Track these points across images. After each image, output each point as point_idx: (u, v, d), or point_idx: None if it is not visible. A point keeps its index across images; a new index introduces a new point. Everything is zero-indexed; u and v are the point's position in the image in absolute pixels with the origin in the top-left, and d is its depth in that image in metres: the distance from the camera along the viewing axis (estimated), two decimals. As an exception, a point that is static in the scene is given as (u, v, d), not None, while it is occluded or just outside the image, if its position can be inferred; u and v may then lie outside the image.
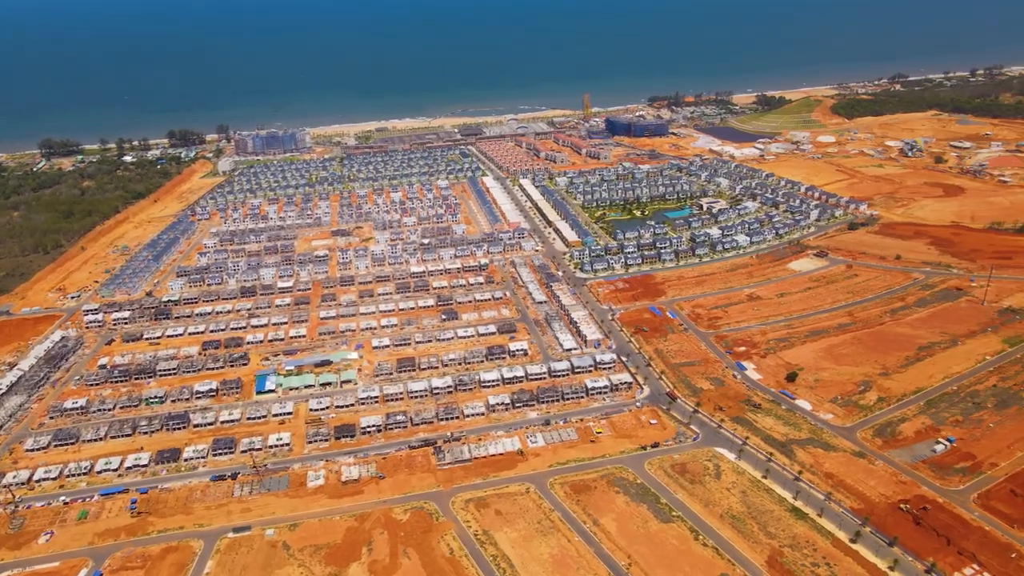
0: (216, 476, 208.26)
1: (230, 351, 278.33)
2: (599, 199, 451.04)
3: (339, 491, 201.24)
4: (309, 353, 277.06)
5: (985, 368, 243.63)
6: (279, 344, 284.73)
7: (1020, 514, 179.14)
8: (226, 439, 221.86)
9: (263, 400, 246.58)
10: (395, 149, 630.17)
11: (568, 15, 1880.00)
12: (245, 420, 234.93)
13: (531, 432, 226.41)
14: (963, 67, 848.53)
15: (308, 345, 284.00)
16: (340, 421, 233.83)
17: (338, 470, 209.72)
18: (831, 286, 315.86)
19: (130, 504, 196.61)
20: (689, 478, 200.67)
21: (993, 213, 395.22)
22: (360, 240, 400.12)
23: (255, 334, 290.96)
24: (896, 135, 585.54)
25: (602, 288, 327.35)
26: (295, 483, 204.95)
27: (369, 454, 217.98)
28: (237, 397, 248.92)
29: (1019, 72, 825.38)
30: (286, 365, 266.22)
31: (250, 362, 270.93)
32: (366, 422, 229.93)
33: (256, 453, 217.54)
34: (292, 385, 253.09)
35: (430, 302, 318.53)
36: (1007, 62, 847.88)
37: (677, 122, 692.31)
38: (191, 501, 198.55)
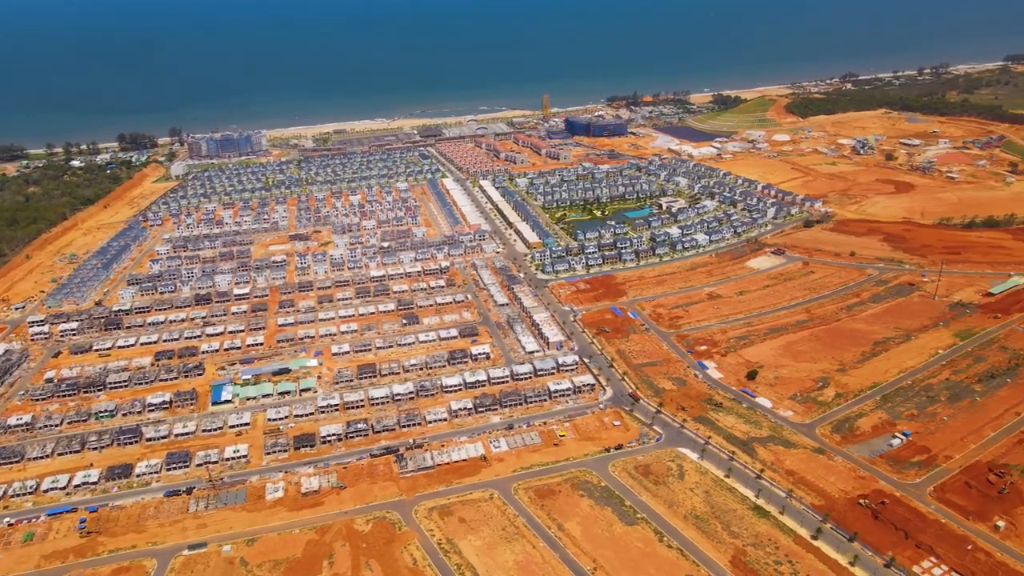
0: (170, 491, 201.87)
1: (184, 361, 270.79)
2: (559, 200, 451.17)
3: (299, 503, 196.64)
4: (267, 361, 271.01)
5: (938, 362, 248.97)
6: (235, 353, 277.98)
7: (975, 506, 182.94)
8: (180, 453, 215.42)
9: (219, 411, 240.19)
10: (354, 151, 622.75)
11: (525, 15, 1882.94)
12: (200, 432, 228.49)
13: (494, 437, 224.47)
14: (911, 66, 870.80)
15: (266, 353, 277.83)
16: (299, 431, 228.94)
17: (298, 481, 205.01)
18: (789, 283, 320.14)
19: (79, 524, 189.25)
20: (653, 479, 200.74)
21: (942, 209, 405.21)
22: (318, 244, 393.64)
23: (210, 343, 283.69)
24: (848, 133, 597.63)
25: (564, 289, 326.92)
26: (253, 496, 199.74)
27: (330, 464, 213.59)
28: (192, 409, 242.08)
29: (964, 71, 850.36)
30: (243, 374, 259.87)
31: (205, 372, 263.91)
32: (326, 431, 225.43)
33: (212, 466, 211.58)
34: (249, 395, 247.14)
35: (391, 306, 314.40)
36: (952, 61, 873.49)
37: (636, 122, 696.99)
38: (144, 518, 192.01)
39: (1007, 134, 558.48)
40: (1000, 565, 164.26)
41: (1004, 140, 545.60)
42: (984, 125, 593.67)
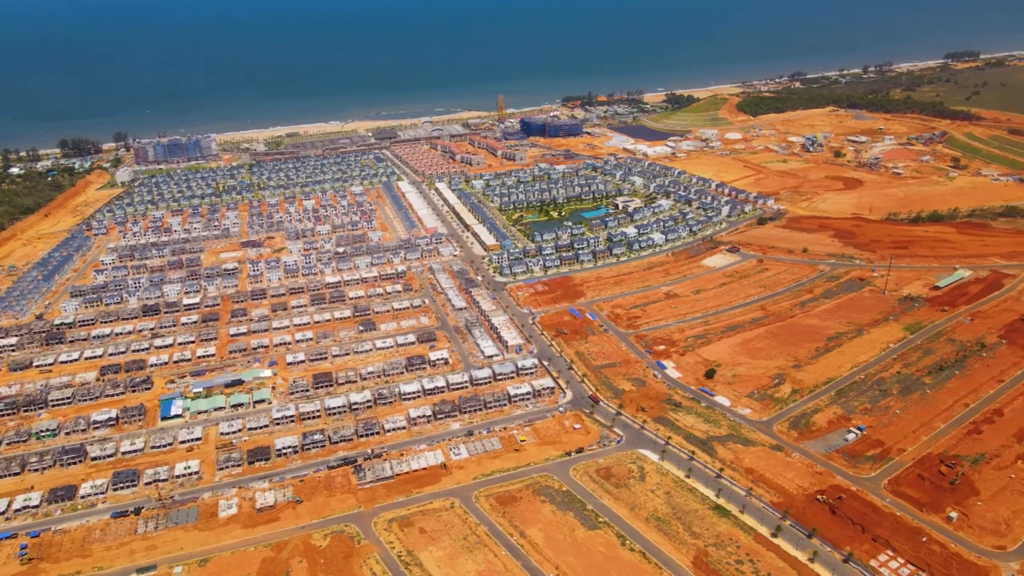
0: (117, 513, 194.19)
1: (131, 375, 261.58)
2: (516, 201, 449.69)
3: (253, 519, 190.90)
4: (219, 373, 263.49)
5: (889, 356, 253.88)
6: (186, 365, 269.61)
7: (928, 498, 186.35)
8: (128, 471, 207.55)
9: (169, 426, 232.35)
10: (307, 155, 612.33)
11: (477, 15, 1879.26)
12: (149, 449, 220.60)
13: (454, 444, 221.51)
14: (856, 65, 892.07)
15: (218, 364, 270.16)
16: (253, 444, 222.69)
17: (252, 497, 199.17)
18: (744, 281, 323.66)
19: (19, 550, 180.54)
20: (614, 482, 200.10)
21: (889, 204, 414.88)
22: (271, 251, 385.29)
23: (159, 355, 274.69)
24: (798, 131, 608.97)
25: (522, 291, 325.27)
26: (205, 514, 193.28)
27: (285, 477, 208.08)
28: (140, 425, 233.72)
29: (907, 69, 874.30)
30: (194, 387, 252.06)
31: (154, 386, 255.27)
32: (281, 443, 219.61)
33: (162, 484, 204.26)
34: (200, 408, 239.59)
35: (346, 313, 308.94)
36: (895, 60, 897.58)
37: (591, 121, 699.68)
38: (89, 542, 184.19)
39: (948, 130, 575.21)
40: (954, 556, 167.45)
41: (946, 136, 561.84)
42: (926, 121, 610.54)
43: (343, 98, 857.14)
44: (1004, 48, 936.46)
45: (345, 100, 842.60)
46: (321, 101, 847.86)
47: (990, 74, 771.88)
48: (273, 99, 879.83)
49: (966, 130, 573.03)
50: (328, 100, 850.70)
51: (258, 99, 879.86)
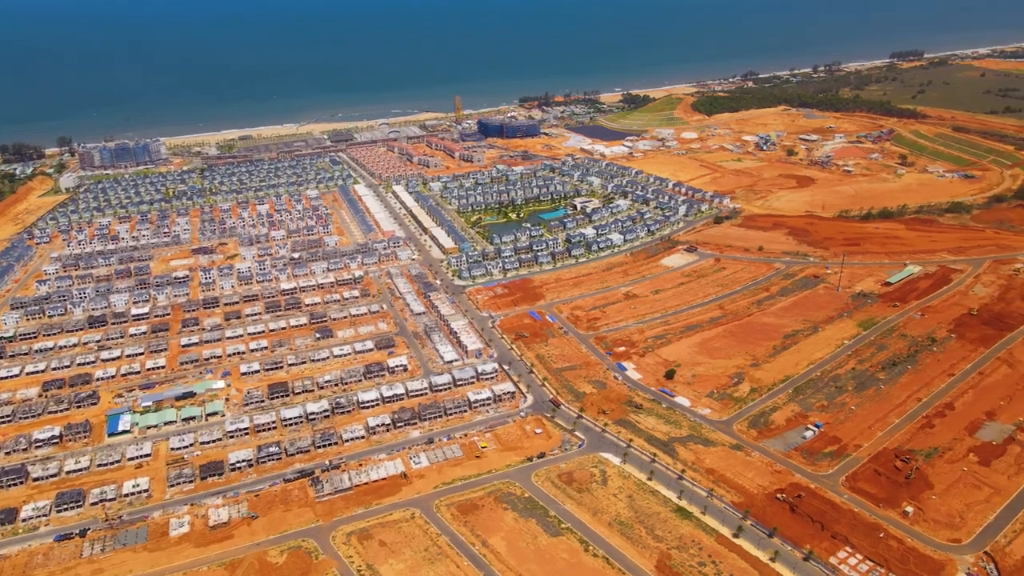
0: (61, 535, 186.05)
1: (76, 390, 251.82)
2: (474, 203, 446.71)
3: (206, 537, 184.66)
4: (169, 385, 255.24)
5: (844, 352, 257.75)
6: (134, 378, 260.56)
7: (884, 493, 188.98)
8: (72, 492, 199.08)
9: (116, 443, 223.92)
10: (261, 158, 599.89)
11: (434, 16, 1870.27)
12: (95, 468, 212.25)
13: (414, 452, 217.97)
14: (806, 64, 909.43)
15: (168, 377, 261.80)
16: (206, 459, 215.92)
17: (205, 514, 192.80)
18: (702, 280, 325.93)
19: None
20: (576, 487, 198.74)
21: (841, 201, 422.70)
22: (224, 258, 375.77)
23: (106, 369, 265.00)
24: (752, 130, 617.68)
25: (481, 295, 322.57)
26: (155, 533, 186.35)
27: (240, 492, 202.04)
28: (85, 442, 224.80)
29: (855, 68, 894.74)
30: (142, 401, 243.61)
31: (100, 401, 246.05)
32: (235, 457, 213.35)
33: (109, 504, 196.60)
34: (150, 423, 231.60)
35: (303, 320, 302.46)
36: (844, 59, 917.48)
37: (548, 122, 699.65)
38: (31, 568, 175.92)
39: (896, 128, 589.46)
40: (911, 551, 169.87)
41: (893, 134, 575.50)
42: (875, 120, 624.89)
43: (298, 100, 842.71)
44: (947, 48, 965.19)
45: (300, 102, 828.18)
46: (275, 103, 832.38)
47: (934, 73, 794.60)
48: (226, 101, 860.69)
49: (912, 128, 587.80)
50: (282, 102, 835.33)
51: (210, 101, 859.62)
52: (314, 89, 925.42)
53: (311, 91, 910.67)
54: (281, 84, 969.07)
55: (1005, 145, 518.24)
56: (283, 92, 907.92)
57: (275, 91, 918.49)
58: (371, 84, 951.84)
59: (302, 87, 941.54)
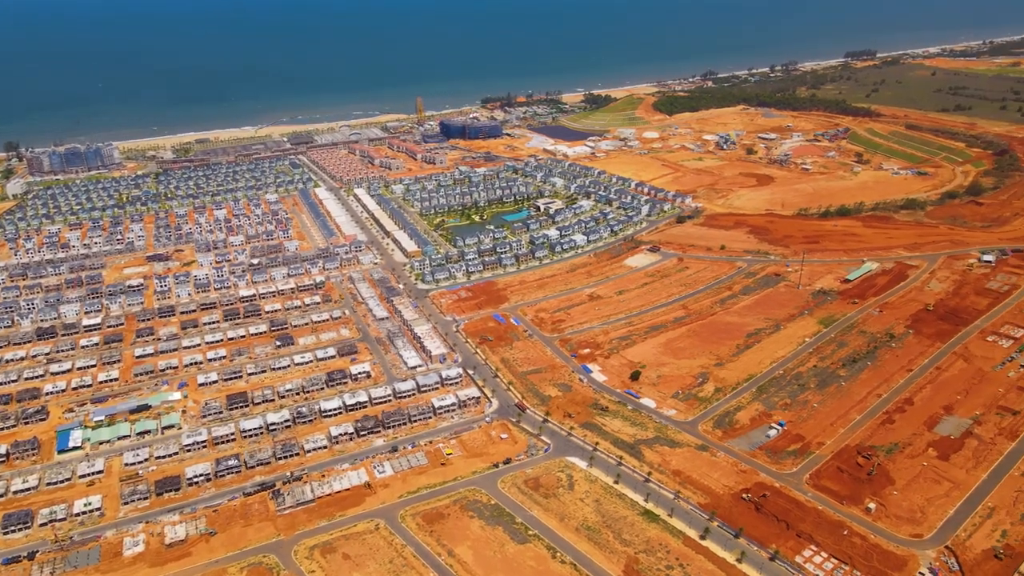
0: (8, 559, 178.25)
1: (24, 406, 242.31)
2: (437, 206, 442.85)
3: (162, 556, 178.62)
4: (123, 399, 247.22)
5: (805, 350, 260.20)
6: (86, 391, 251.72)
7: (847, 490, 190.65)
8: (20, 512, 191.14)
9: (66, 460, 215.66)
10: (218, 162, 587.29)
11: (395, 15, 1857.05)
12: (44, 487, 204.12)
13: (378, 461, 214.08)
14: (763, 64, 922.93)
15: (122, 389, 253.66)
16: (162, 474, 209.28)
17: (161, 532, 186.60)
18: (665, 280, 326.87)
19: None
20: (543, 492, 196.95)
21: (800, 199, 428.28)
22: (181, 265, 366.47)
23: (55, 382, 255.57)
24: (712, 129, 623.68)
25: (445, 299, 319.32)
26: (109, 554, 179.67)
27: (198, 508, 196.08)
28: (34, 460, 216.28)
29: (811, 68, 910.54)
30: (95, 416, 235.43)
31: (50, 416, 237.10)
32: (193, 471, 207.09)
33: (59, 525, 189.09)
34: (102, 438, 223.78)
35: (262, 328, 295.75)
36: (800, 59, 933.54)
37: (511, 123, 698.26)
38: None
39: (851, 126, 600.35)
40: (874, 548, 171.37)
41: (849, 132, 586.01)
42: (831, 118, 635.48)
43: (257, 102, 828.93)
44: (899, 47, 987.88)
45: (259, 104, 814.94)
46: (233, 105, 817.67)
47: (887, 72, 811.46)
48: (182, 103, 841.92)
49: (867, 126, 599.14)
50: (241, 104, 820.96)
51: (165, 103, 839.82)
52: (273, 90, 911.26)
53: (270, 93, 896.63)
54: (239, 85, 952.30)
55: (956, 142, 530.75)
56: (241, 94, 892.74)
57: (233, 93, 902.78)
58: (332, 85, 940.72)
59: (261, 88, 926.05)
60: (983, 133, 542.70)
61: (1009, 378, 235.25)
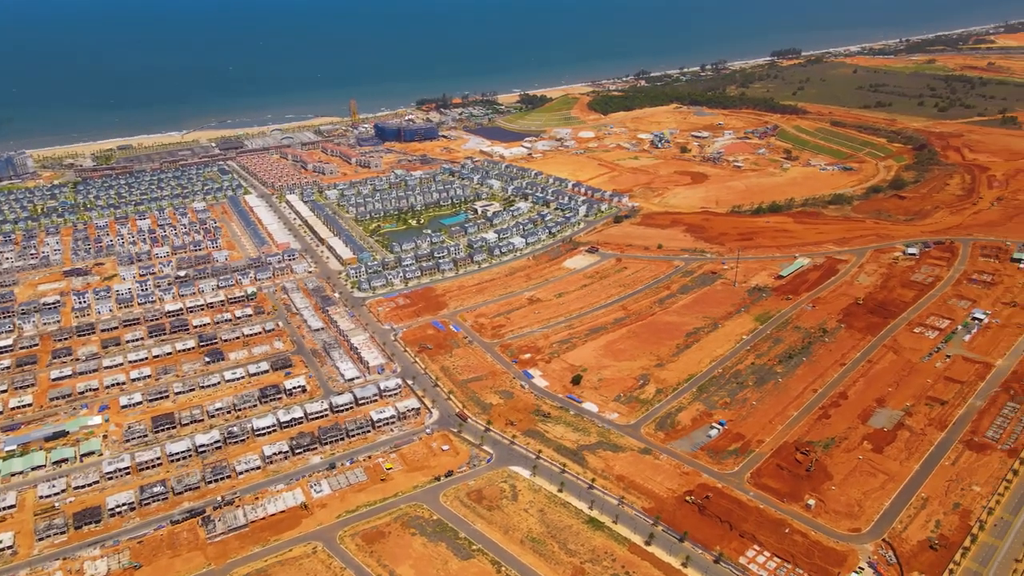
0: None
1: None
2: (373, 211, 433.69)
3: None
4: (37, 425, 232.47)
5: (743, 348, 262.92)
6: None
7: (787, 487, 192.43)
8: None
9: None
10: (142, 169, 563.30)
11: (325, 16, 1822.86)
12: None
13: (315, 480, 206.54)
14: (694, 63, 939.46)
15: (36, 415, 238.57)
16: (81, 505, 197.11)
17: (80, 568, 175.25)
18: (604, 281, 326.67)
19: None
20: (487, 505, 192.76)
21: (733, 197, 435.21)
22: (101, 279, 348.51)
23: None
24: (646, 128, 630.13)
25: (382, 307, 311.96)
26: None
27: (120, 540, 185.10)
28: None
29: (739, 67, 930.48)
30: (6, 445, 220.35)
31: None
32: (115, 501, 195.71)
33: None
34: (14, 470, 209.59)
35: (190, 344, 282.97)
36: (729, 58, 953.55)
37: (447, 124, 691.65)
38: None
39: (780, 123, 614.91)
40: (815, 545, 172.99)
41: (778, 129, 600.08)
42: (760, 116, 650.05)
43: (183, 106, 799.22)
44: (822, 46, 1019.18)
45: (186, 108, 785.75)
46: (158, 110, 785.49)
47: (811, 70, 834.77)
48: (102, 108, 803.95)
49: (794, 123, 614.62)
50: (166, 108, 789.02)
51: (84, 108, 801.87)
52: (201, 94, 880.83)
53: (197, 96, 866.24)
54: (165, 89, 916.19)
55: (878, 138, 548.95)
56: (167, 97, 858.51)
57: (158, 97, 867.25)
58: (262, 88, 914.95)
59: (187, 92, 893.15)
60: (903, 128, 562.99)
61: (936, 369, 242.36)
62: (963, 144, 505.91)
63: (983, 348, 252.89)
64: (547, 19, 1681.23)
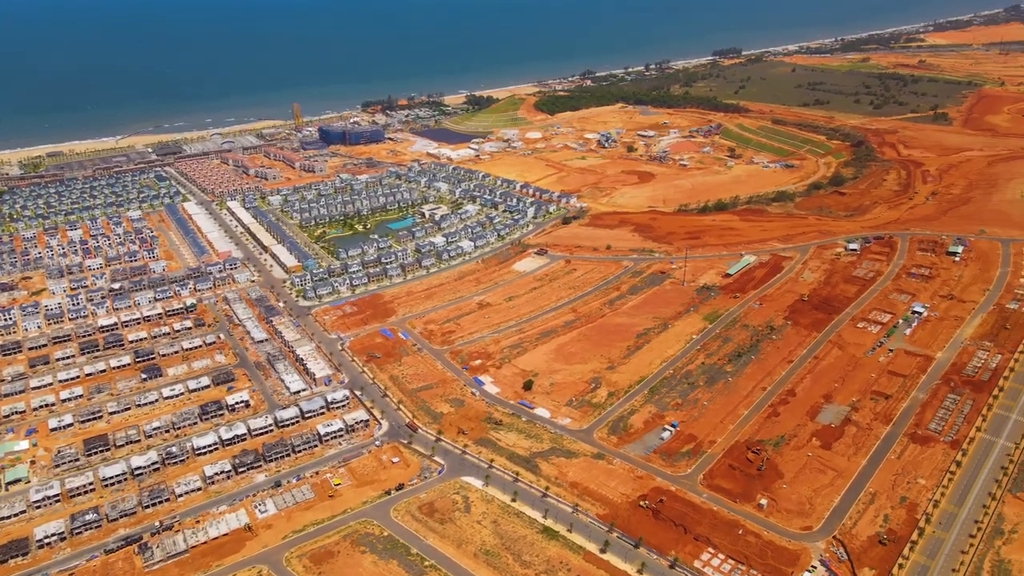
0: None
1: None
2: (318, 216, 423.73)
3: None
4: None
5: (693, 347, 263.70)
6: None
7: (739, 488, 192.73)
8: None
9: None
10: (73, 177, 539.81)
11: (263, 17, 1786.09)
12: None
13: (259, 500, 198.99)
14: (638, 63, 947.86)
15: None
16: (6, 537, 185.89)
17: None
18: (554, 283, 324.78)
19: None
20: (439, 518, 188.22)
21: (680, 195, 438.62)
22: (28, 294, 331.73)
23: None
24: (593, 128, 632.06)
25: (329, 315, 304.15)
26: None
27: (50, 573, 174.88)
28: None
29: (683, 66, 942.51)
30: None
31: None
32: (43, 531, 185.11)
33: None
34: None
35: (126, 360, 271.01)
36: (672, 58, 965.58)
37: (393, 127, 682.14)
38: None
39: (723, 122, 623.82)
40: (768, 545, 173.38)
41: (721, 128, 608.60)
42: (704, 115, 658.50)
43: (118, 110, 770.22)
44: (761, 45, 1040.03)
45: (121, 112, 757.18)
46: (91, 114, 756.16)
47: (752, 69, 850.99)
48: (31, 113, 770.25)
49: (737, 121, 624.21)
50: (100, 112, 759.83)
51: (9, 113, 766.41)
52: (136, 97, 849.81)
53: (133, 99, 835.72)
54: (97, 92, 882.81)
55: (818, 135, 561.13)
56: (100, 101, 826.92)
57: (91, 100, 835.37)
58: (201, 91, 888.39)
59: (122, 95, 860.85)
60: (841, 126, 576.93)
61: (880, 363, 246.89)
62: (898, 140, 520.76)
63: (923, 341, 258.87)
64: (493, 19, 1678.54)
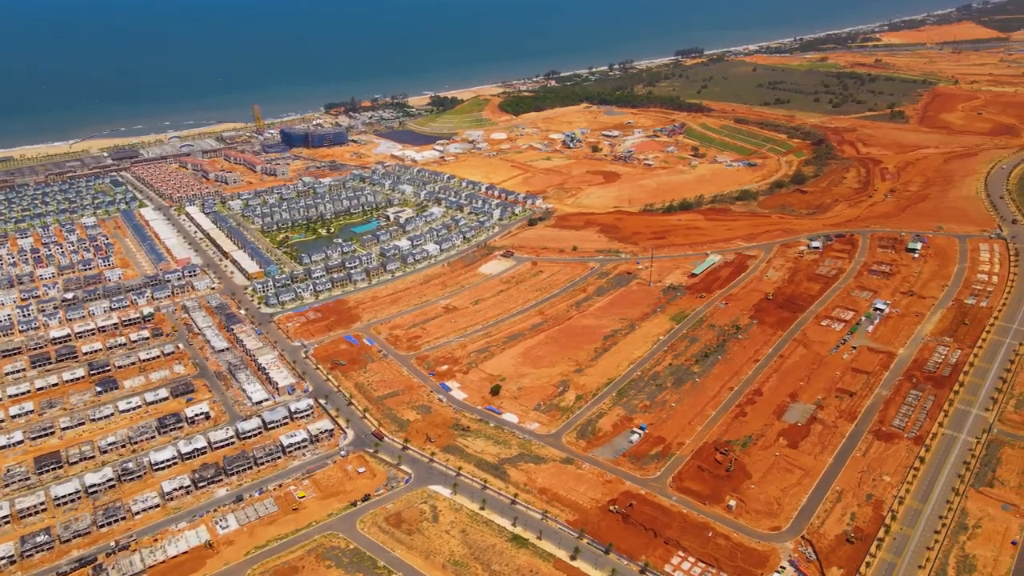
0: None
1: None
2: (280, 221, 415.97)
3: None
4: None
5: (660, 348, 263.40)
6: None
7: (708, 489, 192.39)
8: None
9: None
10: (24, 183, 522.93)
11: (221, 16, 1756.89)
12: None
13: (220, 515, 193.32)
14: (602, 63, 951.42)
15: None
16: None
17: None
18: (521, 286, 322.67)
19: None
20: (406, 528, 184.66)
21: (645, 195, 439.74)
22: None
23: None
24: (558, 128, 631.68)
25: (292, 322, 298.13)
26: None
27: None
28: None
29: (646, 66, 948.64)
30: None
31: None
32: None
33: None
34: None
35: (79, 373, 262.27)
36: (635, 58, 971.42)
37: (356, 129, 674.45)
38: None
39: (686, 121, 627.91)
40: (738, 547, 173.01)
41: (685, 127, 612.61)
42: (667, 114, 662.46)
43: (71, 113, 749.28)
44: (722, 45, 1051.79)
45: (74, 115, 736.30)
46: (43, 117, 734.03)
47: (714, 69, 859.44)
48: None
49: (700, 121, 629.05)
50: (52, 116, 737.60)
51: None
52: (91, 100, 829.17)
53: (87, 102, 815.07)
54: (49, 94, 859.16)
55: (779, 134, 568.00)
56: (53, 104, 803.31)
57: (43, 103, 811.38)
58: (159, 93, 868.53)
59: (76, 98, 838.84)
60: (801, 124, 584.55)
61: (843, 360, 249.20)
62: (857, 138, 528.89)
63: (886, 338, 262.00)
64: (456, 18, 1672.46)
